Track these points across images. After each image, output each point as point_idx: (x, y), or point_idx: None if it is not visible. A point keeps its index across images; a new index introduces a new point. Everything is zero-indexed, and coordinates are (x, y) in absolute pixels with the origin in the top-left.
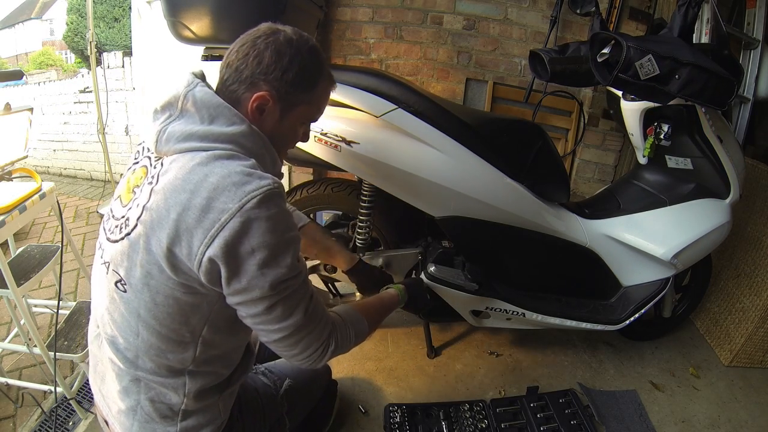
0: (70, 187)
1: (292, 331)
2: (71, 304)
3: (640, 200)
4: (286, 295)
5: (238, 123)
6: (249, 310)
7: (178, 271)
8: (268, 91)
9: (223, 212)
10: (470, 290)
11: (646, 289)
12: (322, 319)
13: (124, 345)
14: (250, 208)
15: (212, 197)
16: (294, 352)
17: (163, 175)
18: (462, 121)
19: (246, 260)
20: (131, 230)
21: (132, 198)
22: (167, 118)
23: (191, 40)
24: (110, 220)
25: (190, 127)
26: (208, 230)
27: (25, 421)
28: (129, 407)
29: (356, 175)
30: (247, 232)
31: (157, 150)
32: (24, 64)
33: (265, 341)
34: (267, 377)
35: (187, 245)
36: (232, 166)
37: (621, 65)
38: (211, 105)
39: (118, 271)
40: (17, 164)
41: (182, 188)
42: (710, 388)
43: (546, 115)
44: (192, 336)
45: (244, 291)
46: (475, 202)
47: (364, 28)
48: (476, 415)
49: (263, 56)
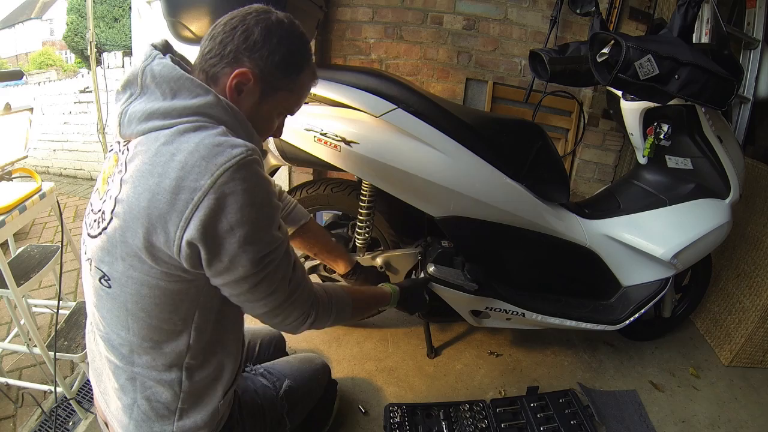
0: (70, 187)
1: (275, 305)
2: (71, 304)
3: (640, 200)
4: (270, 270)
5: (202, 94)
6: (234, 289)
7: (159, 260)
8: (250, 69)
9: (195, 191)
10: (470, 290)
11: (646, 289)
12: (305, 289)
13: (117, 341)
14: (224, 182)
15: (181, 176)
16: (276, 321)
17: (130, 161)
18: (462, 121)
19: (225, 239)
20: (107, 224)
21: (107, 189)
22: (128, 97)
23: (191, 40)
24: (90, 215)
25: (152, 104)
26: (182, 212)
27: (25, 421)
28: (126, 405)
29: (356, 175)
30: (223, 209)
31: (121, 134)
32: (24, 64)
33: (247, 310)
34: (266, 378)
35: (163, 232)
36: (199, 137)
37: (621, 65)
38: (171, 78)
39: (100, 267)
40: (17, 164)
41: (149, 172)
42: (710, 388)
43: (546, 115)
44: (184, 324)
45: (226, 271)
46: (474, 202)
47: (364, 28)
48: (476, 415)
49: (252, 31)
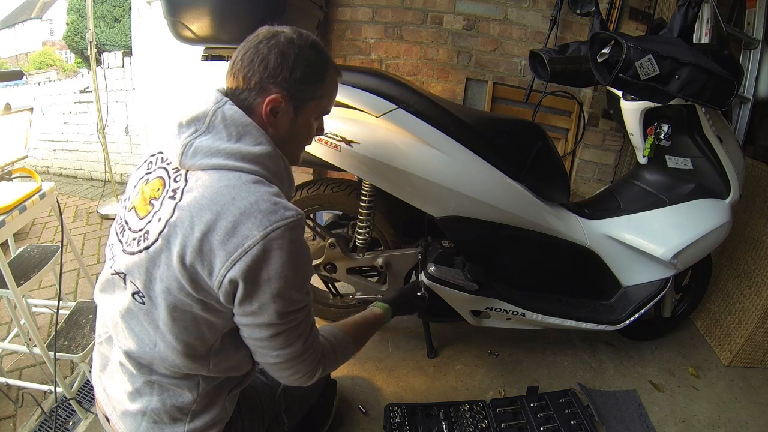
0: (70, 187)
1: (287, 359)
2: (71, 304)
3: (640, 200)
4: (292, 326)
5: (264, 143)
6: (254, 333)
7: (198, 287)
8: (279, 93)
9: (247, 238)
10: (470, 290)
11: (646, 289)
12: (316, 350)
13: (139, 353)
14: (274, 237)
15: (238, 221)
16: (284, 375)
17: (188, 192)
18: (462, 121)
19: (262, 287)
20: (151, 244)
21: (150, 210)
22: (193, 132)
23: (191, 40)
24: (126, 232)
25: (218, 143)
26: (231, 253)
27: (25, 421)
28: (138, 410)
29: (356, 175)
30: (267, 260)
31: (181, 163)
32: (24, 64)
33: (260, 361)
34: (265, 375)
35: (208, 265)
36: (260, 192)
37: (621, 65)
38: (240, 123)
39: (135, 282)
40: (17, 164)
41: (208, 208)
42: (710, 388)
43: (546, 115)
44: (205, 350)
45: (253, 314)
46: (475, 202)
47: (364, 28)
48: (476, 415)
49: (268, 60)
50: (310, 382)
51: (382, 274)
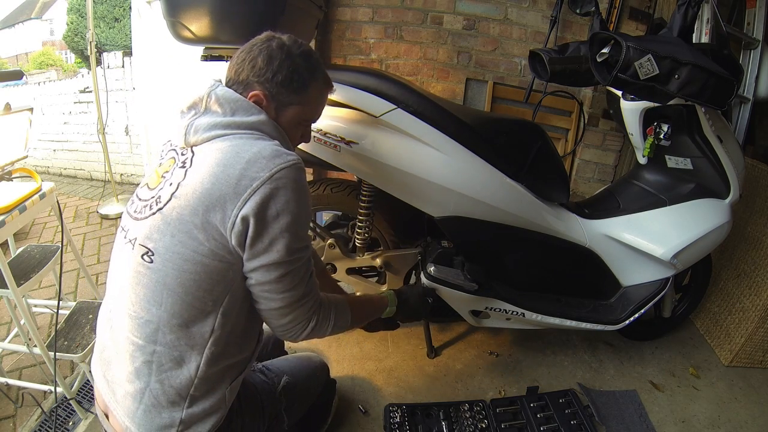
0: (70, 187)
1: (289, 302)
2: (71, 304)
3: (640, 200)
4: (298, 265)
5: (256, 113)
6: (263, 275)
7: (210, 237)
8: (260, 91)
9: (254, 179)
10: (470, 290)
11: (646, 289)
12: (314, 297)
13: (145, 318)
14: (279, 177)
15: (246, 168)
16: (283, 321)
17: (195, 158)
18: (462, 121)
19: (271, 222)
20: (164, 205)
21: (162, 181)
22: (193, 115)
23: (191, 40)
24: (135, 203)
25: (214, 119)
26: (240, 195)
27: (25, 421)
28: (137, 390)
29: (356, 175)
30: (275, 197)
31: (185, 141)
32: (24, 64)
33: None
34: (265, 374)
35: (221, 210)
36: (262, 144)
37: (620, 65)
38: (231, 100)
39: (145, 244)
40: (17, 164)
41: (216, 163)
42: (710, 388)
43: (546, 115)
44: (214, 305)
45: (264, 252)
46: (474, 202)
47: (364, 28)
48: (476, 415)
49: (256, 61)
50: (303, 333)
51: (382, 274)
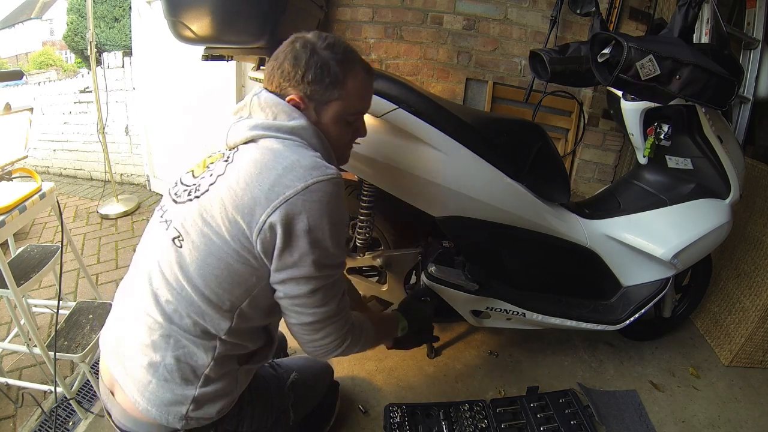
0: (70, 187)
1: (322, 318)
2: (71, 304)
3: (640, 200)
4: (329, 282)
5: (297, 118)
6: (292, 289)
7: (235, 238)
8: (295, 94)
9: (288, 188)
10: (470, 290)
11: (646, 289)
12: (346, 315)
13: (166, 298)
14: (314, 190)
15: (282, 174)
16: (315, 337)
17: (238, 155)
18: (462, 121)
19: (301, 236)
20: (201, 194)
21: (205, 171)
22: (238, 119)
23: (191, 40)
24: (178, 186)
25: (257, 121)
26: (271, 201)
27: (25, 421)
28: (152, 362)
29: (357, 175)
30: (307, 210)
31: (228, 142)
32: (24, 64)
33: (293, 323)
34: (275, 369)
35: (249, 213)
36: (302, 153)
37: (622, 65)
38: (273, 103)
39: (177, 227)
40: (17, 164)
41: (254, 164)
42: (710, 388)
43: (546, 115)
44: (231, 305)
45: (293, 265)
46: (475, 202)
47: (364, 28)
48: (476, 415)
49: (284, 66)
50: (338, 350)
51: (382, 274)
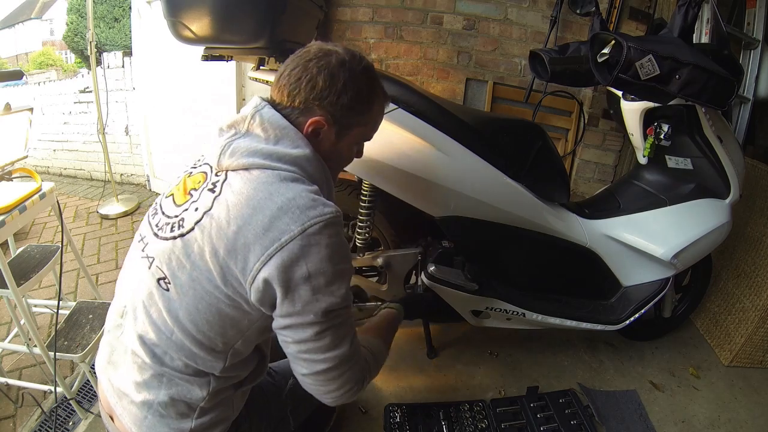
0: (70, 187)
1: (337, 363)
2: (71, 304)
3: (640, 200)
4: (337, 323)
5: (302, 146)
6: (298, 334)
7: (228, 284)
8: (323, 115)
9: (284, 233)
10: (470, 290)
11: (646, 289)
12: (361, 354)
13: (154, 341)
14: (312, 233)
15: (276, 216)
16: (331, 387)
17: (227, 186)
18: (462, 121)
19: (301, 284)
20: (186, 232)
21: (188, 200)
22: (233, 135)
23: (191, 40)
24: (159, 215)
25: (256, 144)
26: (266, 248)
27: (25, 421)
28: (144, 401)
29: (356, 175)
30: (305, 257)
31: (219, 164)
32: (24, 64)
33: (305, 373)
34: (271, 377)
35: (242, 260)
36: (298, 189)
37: (621, 65)
38: (277, 126)
39: (162, 268)
40: (17, 164)
41: (246, 203)
42: (710, 388)
43: (546, 115)
44: (225, 346)
45: (297, 314)
46: (475, 201)
47: (364, 28)
48: (476, 415)
49: (317, 81)
50: (357, 394)
51: (382, 274)
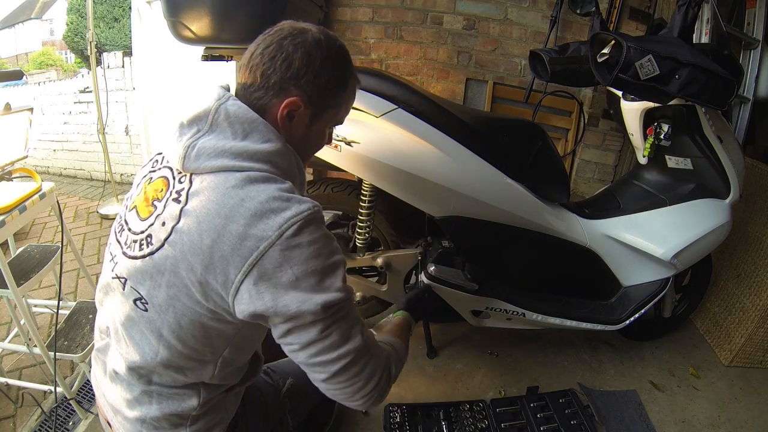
0: (70, 187)
1: (353, 357)
2: (71, 304)
3: (640, 200)
4: (341, 317)
5: (273, 140)
6: (302, 337)
7: (209, 298)
8: (299, 96)
9: (261, 240)
10: (470, 290)
11: (646, 289)
12: (377, 344)
13: (139, 362)
14: (291, 235)
15: (250, 224)
16: (357, 384)
17: (193, 195)
18: (462, 121)
19: (290, 288)
20: (156, 250)
21: (152, 212)
22: (196, 132)
23: (191, 40)
24: (125, 233)
25: (223, 143)
26: (245, 258)
27: (25, 421)
28: (137, 417)
29: (356, 175)
30: (288, 261)
31: (184, 167)
32: (24, 64)
33: (325, 379)
34: (270, 376)
35: (222, 273)
36: (270, 190)
37: (621, 65)
38: (245, 120)
39: (137, 289)
40: (17, 164)
41: (216, 213)
42: (710, 388)
43: (546, 115)
44: (213, 356)
45: (295, 317)
46: (475, 202)
47: (364, 28)
48: (476, 415)
49: (293, 59)
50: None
51: (382, 274)
